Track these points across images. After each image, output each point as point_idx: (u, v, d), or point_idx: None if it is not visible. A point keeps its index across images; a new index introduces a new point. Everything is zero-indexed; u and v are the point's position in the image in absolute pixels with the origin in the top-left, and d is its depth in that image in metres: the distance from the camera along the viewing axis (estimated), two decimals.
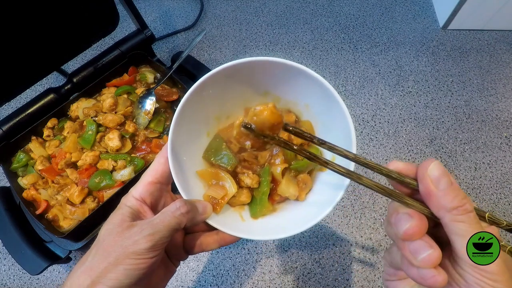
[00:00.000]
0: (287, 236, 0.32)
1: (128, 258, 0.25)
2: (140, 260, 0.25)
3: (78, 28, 0.65)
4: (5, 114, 0.64)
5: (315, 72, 0.32)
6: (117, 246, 0.26)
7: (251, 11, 0.99)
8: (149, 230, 0.26)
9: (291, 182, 0.36)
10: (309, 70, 0.32)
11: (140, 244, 0.25)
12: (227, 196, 0.35)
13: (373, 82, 0.84)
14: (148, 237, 0.26)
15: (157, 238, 0.26)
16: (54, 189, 0.58)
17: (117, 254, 0.25)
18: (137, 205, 0.30)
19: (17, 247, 0.55)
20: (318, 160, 0.28)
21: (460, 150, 0.74)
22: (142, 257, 0.25)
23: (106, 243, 0.26)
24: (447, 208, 0.23)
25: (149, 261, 0.26)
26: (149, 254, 0.25)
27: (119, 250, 0.25)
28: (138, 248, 0.25)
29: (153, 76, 0.72)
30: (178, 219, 0.28)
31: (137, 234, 0.26)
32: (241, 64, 0.32)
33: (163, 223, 0.27)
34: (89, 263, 0.26)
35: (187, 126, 0.35)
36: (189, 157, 0.36)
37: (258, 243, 0.65)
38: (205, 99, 0.35)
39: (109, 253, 0.25)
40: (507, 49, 0.89)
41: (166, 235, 0.27)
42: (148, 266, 0.26)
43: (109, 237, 0.27)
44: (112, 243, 0.26)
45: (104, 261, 0.25)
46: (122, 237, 0.26)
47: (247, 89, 0.37)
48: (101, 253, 0.26)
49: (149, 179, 0.32)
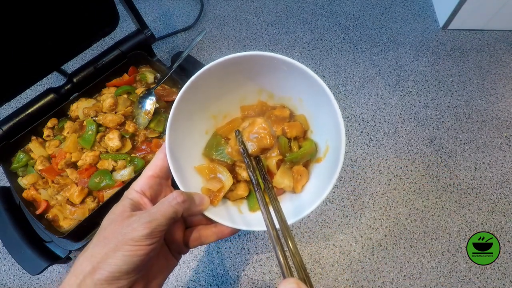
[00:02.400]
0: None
1: (126, 244, 0.26)
2: (137, 247, 0.26)
3: (78, 28, 0.65)
4: (5, 114, 0.64)
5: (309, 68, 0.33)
6: (117, 234, 0.27)
7: (251, 11, 0.99)
8: (147, 218, 0.27)
9: (286, 173, 0.37)
10: (293, 61, 0.32)
11: (137, 231, 0.27)
12: (224, 188, 0.36)
13: (373, 82, 0.84)
14: (146, 224, 0.27)
15: (154, 225, 0.27)
16: (54, 189, 0.58)
17: (116, 241, 0.26)
18: (138, 197, 0.32)
19: (17, 247, 0.55)
20: (259, 193, 0.32)
21: (460, 150, 0.74)
22: (140, 244, 0.26)
23: (107, 231, 0.28)
24: None
25: (146, 248, 0.27)
26: (146, 241, 0.27)
27: (119, 237, 0.27)
28: (136, 234, 0.26)
29: (153, 76, 0.72)
30: (174, 208, 0.29)
31: (136, 222, 0.27)
32: (231, 59, 0.33)
33: (160, 211, 0.28)
34: (91, 250, 0.27)
35: (184, 122, 0.36)
36: (188, 153, 0.37)
37: (258, 243, 0.65)
38: (199, 96, 0.36)
39: (109, 240, 0.27)
40: (507, 49, 0.89)
41: (163, 223, 0.28)
42: (146, 253, 0.27)
43: (110, 226, 0.28)
44: (113, 231, 0.27)
45: (104, 248, 0.26)
46: (122, 225, 0.28)
47: (241, 86, 0.38)
48: (102, 240, 0.27)
49: (149, 173, 0.33)
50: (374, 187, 0.70)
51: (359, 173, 0.72)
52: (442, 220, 0.67)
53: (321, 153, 0.37)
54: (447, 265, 0.62)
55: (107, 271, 0.25)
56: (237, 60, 0.34)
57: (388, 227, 0.66)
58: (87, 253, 0.27)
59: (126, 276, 0.26)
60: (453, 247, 0.64)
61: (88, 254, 0.27)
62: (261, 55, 0.33)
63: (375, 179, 0.71)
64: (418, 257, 0.63)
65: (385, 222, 0.67)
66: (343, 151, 0.31)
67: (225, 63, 0.33)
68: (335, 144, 0.33)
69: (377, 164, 0.73)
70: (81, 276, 0.26)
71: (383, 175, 0.72)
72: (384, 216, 0.67)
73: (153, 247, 0.27)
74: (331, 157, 0.35)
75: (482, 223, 0.66)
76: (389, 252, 0.64)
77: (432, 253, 0.64)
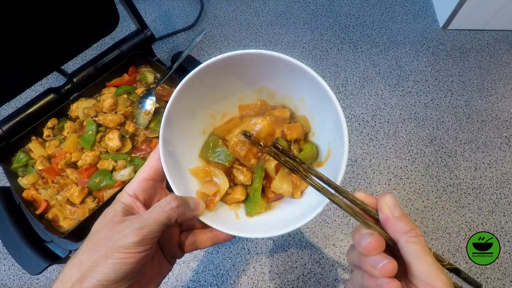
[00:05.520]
0: (278, 235, 0.31)
1: (116, 251, 0.25)
2: (127, 254, 0.25)
3: (78, 28, 0.65)
4: (5, 114, 0.64)
5: (311, 69, 0.32)
6: (107, 240, 0.26)
7: (251, 11, 0.99)
8: (138, 224, 0.26)
9: (285, 178, 0.35)
10: (294, 60, 0.32)
11: (128, 238, 0.25)
12: (220, 192, 0.35)
13: (373, 82, 0.84)
14: (137, 231, 0.26)
15: (145, 232, 0.26)
16: (54, 189, 0.58)
17: (106, 248, 0.25)
18: (130, 201, 0.30)
19: (17, 247, 0.55)
20: (299, 173, 0.30)
21: (460, 150, 0.74)
22: (130, 251, 0.25)
23: (97, 237, 0.27)
24: (402, 231, 0.26)
25: (137, 255, 0.25)
26: (137, 248, 0.25)
27: (109, 244, 0.25)
28: (126, 242, 0.25)
29: (153, 76, 0.72)
30: (167, 213, 0.28)
31: (127, 228, 0.26)
32: (231, 56, 0.32)
33: (153, 217, 0.27)
34: (80, 256, 0.26)
35: (179, 122, 0.34)
36: (184, 154, 0.35)
37: (258, 243, 0.65)
38: (196, 94, 0.34)
39: (99, 247, 0.26)
40: (507, 49, 0.89)
41: (156, 230, 0.27)
42: (136, 261, 0.25)
43: (100, 232, 0.27)
44: (103, 237, 0.26)
45: (93, 255, 0.25)
46: (112, 231, 0.26)
47: (240, 85, 0.37)
48: (92, 246, 0.26)
49: (142, 175, 0.32)
50: (374, 187, 0.70)
51: (359, 173, 0.72)
52: (442, 220, 0.67)
53: (323, 157, 0.35)
54: None
55: (96, 279, 0.24)
56: (238, 58, 0.32)
57: None
58: (76, 260, 0.26)
59: (116, 284, 0.25)
60: (453, 247, 0.64)
61: (77, 261, 0.26)
62: (264, 54, 0.32)
63: (375, 179, 0.71)
64: None
65: None
66: (345, 156, 0.30)
67: (224, 60, 0.32)
68: (337, 149, 0.32)
69: (377, 164, 0.73)
70: (69, 284, 0.25)
71: (383, 175, 0.72)
72: None
73: (144, 255, 0.26)
74: (333, 162, 0.33)
75: (482, 223, 0.66)
76: None
77: None
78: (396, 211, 0.27)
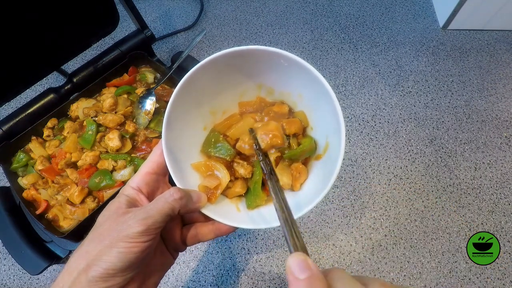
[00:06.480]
0: (278, 225, 0.31)
1: (121, 241, 0.26)
2: (132, 244, 0.26)
3: (78, 28, 0.65)
4: (5, 114, 0.64)
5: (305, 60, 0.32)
6: (112, 231, 0.27)
7: (251, 11, 0.99)
8: (142, 215, 0.27)
9: (285, 171, 0.36)
10: (292, 55, 0.32)
11: (133, 228, 0.26)
12: (221, 185, 0.36)
13: (373, 82, 0.84)
14: (141, 221, 0.26)
15: (149, 222, 0.27)
16: (54, 189, 0.58)
17: (111, 238, 0.26)
18: (134, 194, 0.31)
19: (17, 247, 0.55)
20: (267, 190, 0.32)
21: (460, 150, 0.74)
22: (135, 241, 0.26)
23: (102, 228, 0.28)
24: None
25: (141, 245, 0.26)
26: (142, 238, 0.26)
27: (114, 234, 0.26)
28: (131, 231, 0.26)
29: (153, 76, 0.72)
30: (171, 204, 0.28)
31: (131, 218, 0.27)
32: (229, 53, 0.33)
33: (157, 208, 0.28)
34: (86, 246, 0.27)
35: (182, 118, 0.35)
36: (185, 149, 0.36)
37: (258, 243, 0.65)
38: (198, 90, 0.35)
39: (104, 237, 0.26)
40: (507, 49, 0.89)
41: (159, 220, 0.27)
42: (141, 250, 0.26)
43: (105, 223, 0.28)
44: (107, 228, 0.27)
45: (99, 245, 0.26)
46: (117, 222, 0.27)
47: (240, 81, 0.38)
48: (97, 237, 0.27)
49: (146, 169, 0.33)
50: (374, 187, 0.70)
51: (359, 173, 0.72)
52: (442, 220, 0.67)
53: (321, 150, 0.36)
54: (447, 265, 0.63)
55: (102, 268, 0.25)
56: (236, 54, 0.33)
57: (388, 227, 0.66)
58: (81, 250, 0.27)
59: (121, 273, 0.25)
60: (453, 247, 0.64)
61: (83, 250, 0.26)
62: (261, 50, 0.33)
63: (375, 179, 0.71)
64: (418, 257, 0.64)
65: (385, 222, 0.67)
66: (343, 146, 0.31)
67: (224, 57, 0.33)
68: (335, 141, 0.33)
69: (377, 164, 0.73)
70: (75, 273, 0.25)
71: (383, 175, 0.72)
72: (384, 216, 0.67)
73: (148, 244, 0.27)
74: (331, 154, 0.34)
75: (482, 223, 0.66)
76: (389, 252, 0.64)
77: (432, 253, 0.64)
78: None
